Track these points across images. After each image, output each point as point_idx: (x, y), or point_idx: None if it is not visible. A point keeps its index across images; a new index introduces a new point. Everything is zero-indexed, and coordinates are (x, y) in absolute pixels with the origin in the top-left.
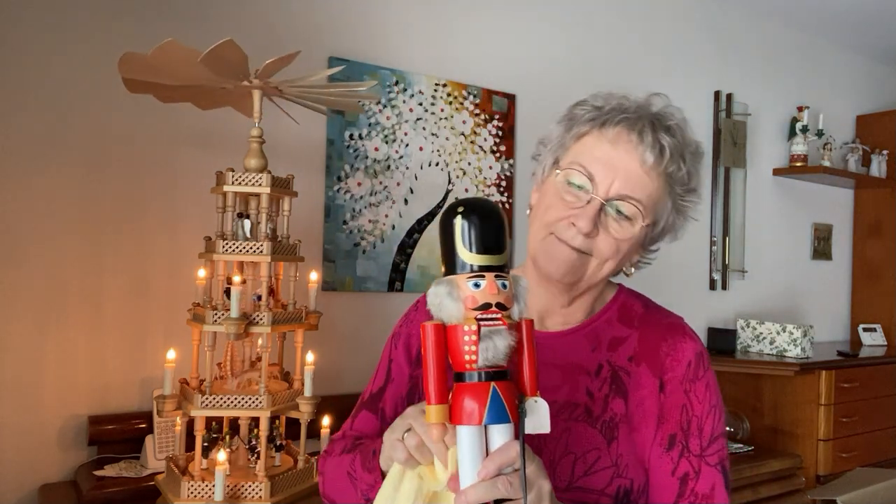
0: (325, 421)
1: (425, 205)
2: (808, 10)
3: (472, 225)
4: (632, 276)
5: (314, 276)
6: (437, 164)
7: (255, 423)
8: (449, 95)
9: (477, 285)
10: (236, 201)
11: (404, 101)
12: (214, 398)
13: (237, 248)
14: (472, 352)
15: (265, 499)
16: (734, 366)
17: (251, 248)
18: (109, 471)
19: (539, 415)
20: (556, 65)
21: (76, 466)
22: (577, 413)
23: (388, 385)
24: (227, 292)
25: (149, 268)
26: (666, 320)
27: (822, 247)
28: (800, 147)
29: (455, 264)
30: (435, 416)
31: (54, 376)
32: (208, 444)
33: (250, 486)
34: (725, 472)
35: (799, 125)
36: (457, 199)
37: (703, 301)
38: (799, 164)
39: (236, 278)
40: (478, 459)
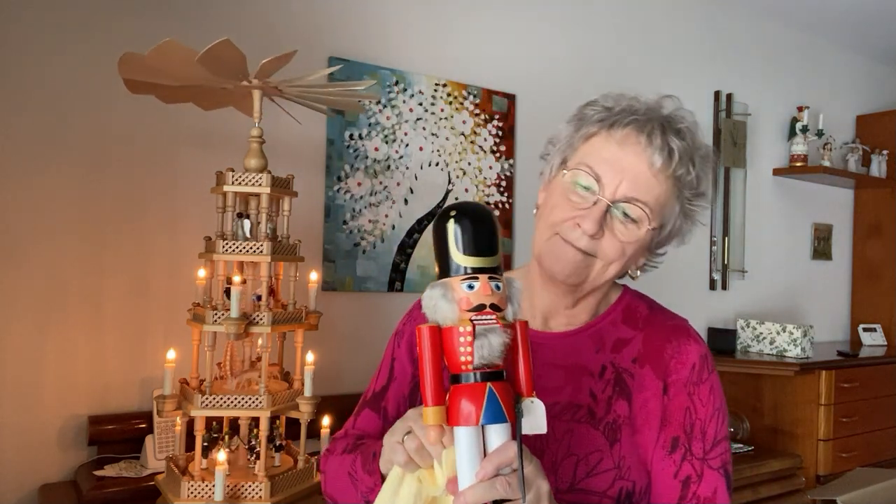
0: (325, 421)
1: (425, 205)
2: (808, 10)
3: (465, 228)
4: (637, 279)
5: (314, 276)
6: (437, 164)
7: (255, 423)
8: (449, 95)
9: (471, 287)
10: (236, 201)
11: (404, 101)
12: (214, 398)
13: (237, 248)
14: (468, 352)
15: (265, 499)
16: (734, 366)
17: (251, 248)
18: (109, 471)
19: (536, 415)
20: (556, 65)
21: (76, 466)
22: (580, 415)
23: (391, 384)
24: (227, 292)
25: (149, 268)
26: (670, 322)
27: (822, 247)
28: (800, 147)
29: (449, 267)
30: (432, 418)
31: (54, 376)
32: (208, 444)
33: (250, 486)
34: (728, 476)
35: (799, 125)
36: (445, 206)
37: (703, 301)
38: (799, 164)
39: (236, 278)
40: (476, 460)
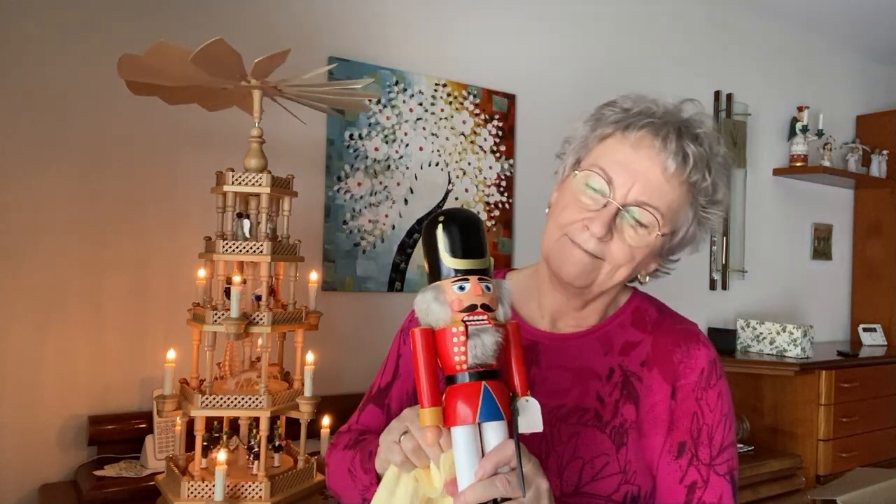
0: (325, 421)
1: (425, 205)
2: (808, 10)
3: (454, 232)
4: (645, 283)
5: (314, 276)
6: (437, 164)
7: (255, 423)
8: (449, 95)
9: (462, 288)
10: (236, 201)
11: (404, 101)
12: (214, 398)
13: (237, 248)
14: (462, 352)
15: (265, 499)
16: (734, 366)
17: (251, 248)
18: (109, 471)
19: (531, 414)
20: (556, 65)
21: (76, 466)
22: (587, 418)
23: (396, 381)
24: (227, 292)
25: (149, 268)
26: (680, 326)
27: (822, 247)
28: (800, 147)
29: (440, 271)
30: (429, 419)
31: (54, 376)
32: (208, 444)
33: (250, 486)
34: (734, 482)
35: (799, 125)
36: (433, 214)
37: (703, 301)
38: (799, 164)
39: (236, 278)
40: (474, 460)
